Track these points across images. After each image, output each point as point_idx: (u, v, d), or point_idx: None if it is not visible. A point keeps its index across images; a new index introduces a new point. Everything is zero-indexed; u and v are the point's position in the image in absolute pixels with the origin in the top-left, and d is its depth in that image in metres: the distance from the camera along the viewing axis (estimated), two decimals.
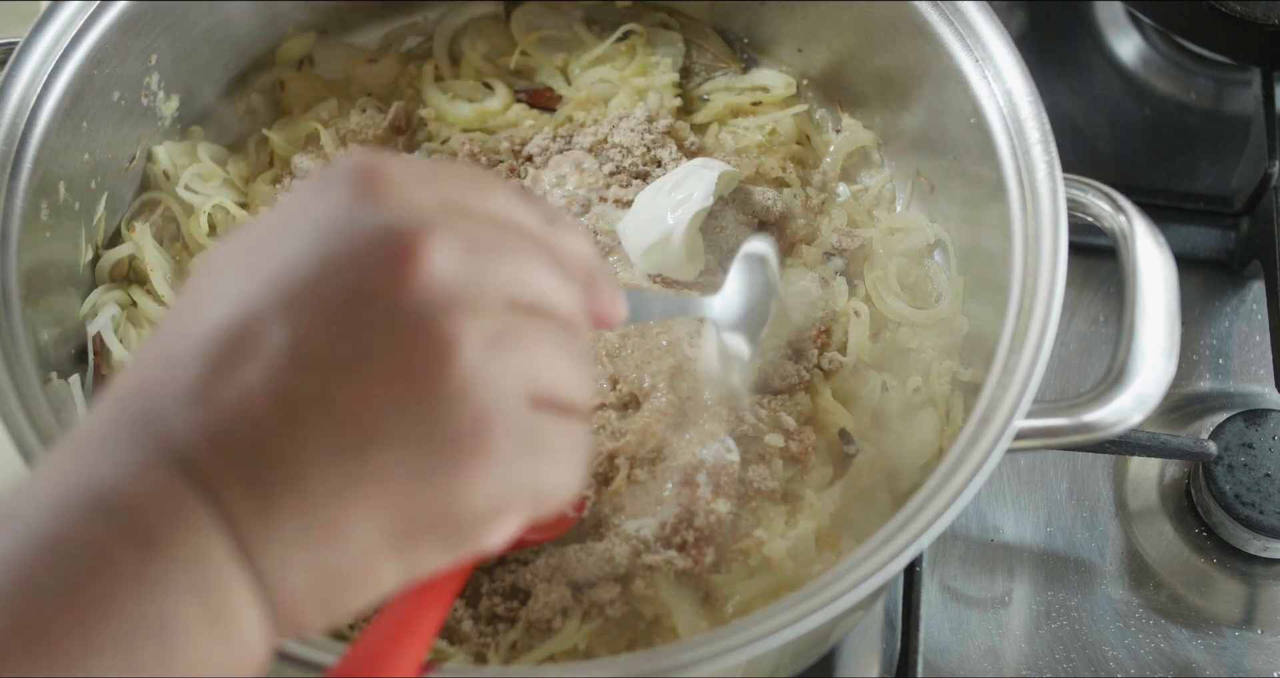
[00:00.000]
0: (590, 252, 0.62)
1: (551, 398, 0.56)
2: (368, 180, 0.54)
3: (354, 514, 0.52)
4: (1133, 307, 0.85)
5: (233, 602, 0.51)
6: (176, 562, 0.50)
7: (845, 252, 1.07)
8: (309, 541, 0.52)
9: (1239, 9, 1.24)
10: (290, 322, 0.51)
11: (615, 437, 0.94)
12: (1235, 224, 1.25)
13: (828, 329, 1.03)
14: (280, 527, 0.51)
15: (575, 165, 1.08)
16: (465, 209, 0.56)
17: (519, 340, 0.54)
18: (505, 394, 0.53)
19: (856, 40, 1.10)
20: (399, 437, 0.52)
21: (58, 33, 0.96)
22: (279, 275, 0.52)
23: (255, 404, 0.51)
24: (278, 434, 0.51)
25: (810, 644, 0.95)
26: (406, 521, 0.53)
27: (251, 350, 0.51)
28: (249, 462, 0.51)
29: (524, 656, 0.87)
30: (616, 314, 0.63)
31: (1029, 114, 0.93)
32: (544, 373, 0.55)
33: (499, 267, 0.55)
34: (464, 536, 0.55)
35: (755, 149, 1.12)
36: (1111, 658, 1.05)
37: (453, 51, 1.20)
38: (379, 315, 0.52)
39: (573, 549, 0.89)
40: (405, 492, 0.52)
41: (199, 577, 0.50)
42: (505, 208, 0.58)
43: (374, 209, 0.53)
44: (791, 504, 0.94)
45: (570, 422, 0.57)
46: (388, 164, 0.55)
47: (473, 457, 0.53)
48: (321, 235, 0.53)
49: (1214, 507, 1.07)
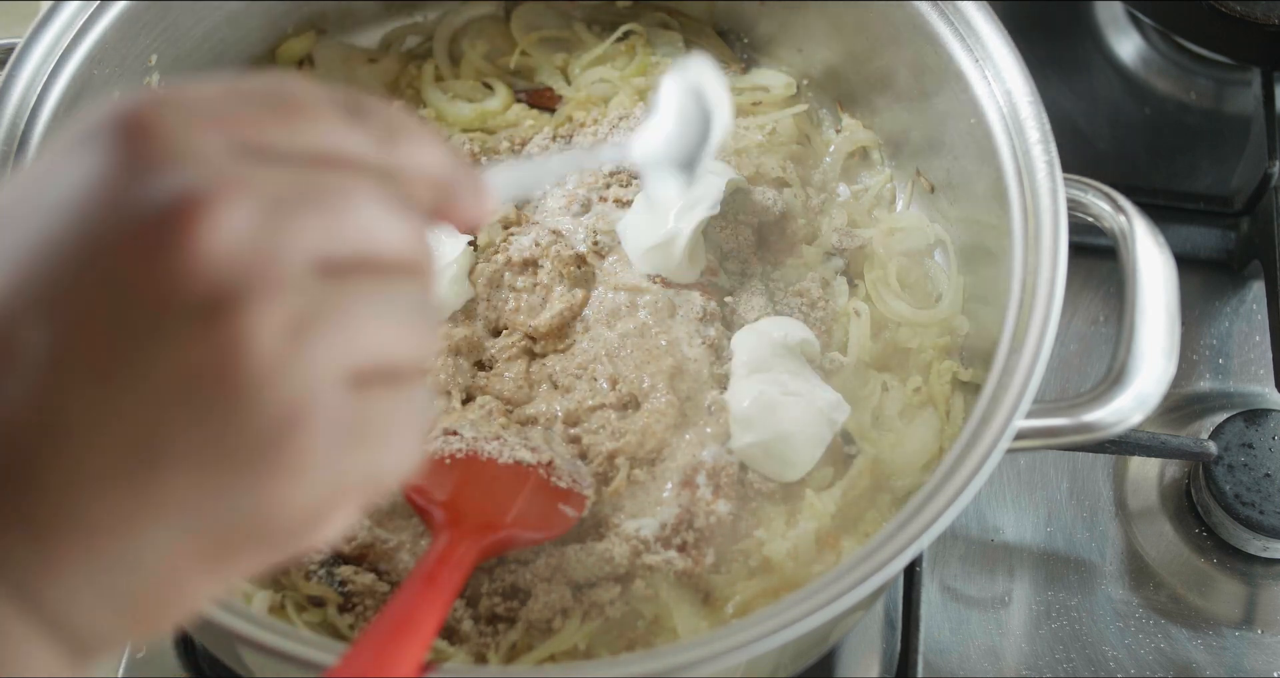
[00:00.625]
0: (440, 158, 0.53)
1: (380, 370, 0.48)
2: (134, 135, 0.45)
3: (148, 540, 0.45)
4: (1133, 307, 0.85)
5: (13, 644, 0.45)
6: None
7: (845, 252, 1.07)
8: (98, 571, 0.45)
9: (1239, 9, 1.24)
10: (49, 323, 0.44)
11: (615, 437, 0.94)
12: (1235, 224, 1.25)
13: (828, 329, 1.03)
14: (61, 560, 0.45)
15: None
16: (266, 149, 0.47)
17: (330, 315, 0.46)
18: (317, 383, 0.46)
19: (856, 40, 1.10)
20: (191, 451, 0.44)
21: (58, 33, 0.96)
22: (32, 265, 0.44)
23: (16, 425, 0.44)
24: (46, 459, 0.44)
25: (810, 644, 0.95)
26: (213, 538, 0.46)
27: (5, 361, 0.44)
28: (16, 494, 0.44)
29: (524, 656, 0.87)
30: (481, 213, 0.55)
31: (1029, 114, 0.93)
32: (366, 345, 0.47)
33: (304, 224, 0.46)
34: (284, 542, 0.48)
35: (755, 149, 1.12)
36: (1111, 658, 1.05)
37: (453, 51, 1.20)
38: (152, 310, 0.44)
39: (573, 549, 0.89)
40: (207, 510, 0.45)
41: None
42: (322, 137, 0.49)
43: (141, 175, 0.45)
44: (791, 504, 0.94)
45: (403, 391, 0.49)
46: (159, 106, 0.46)
47: (283, 462, 0.45)
48: (80, 213, 0.44)
49: (1214, 507, 1.07)
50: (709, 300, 1.01)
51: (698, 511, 0.91)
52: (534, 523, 0.89)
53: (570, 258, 1.02)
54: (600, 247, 1.03)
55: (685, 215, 1.00)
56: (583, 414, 0.96)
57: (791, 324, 1.00)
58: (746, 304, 1.02)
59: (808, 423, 0.94)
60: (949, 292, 1.04)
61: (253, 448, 0.45)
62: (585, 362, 0.98)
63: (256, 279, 0.44)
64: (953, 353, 1.02)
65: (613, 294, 1.01)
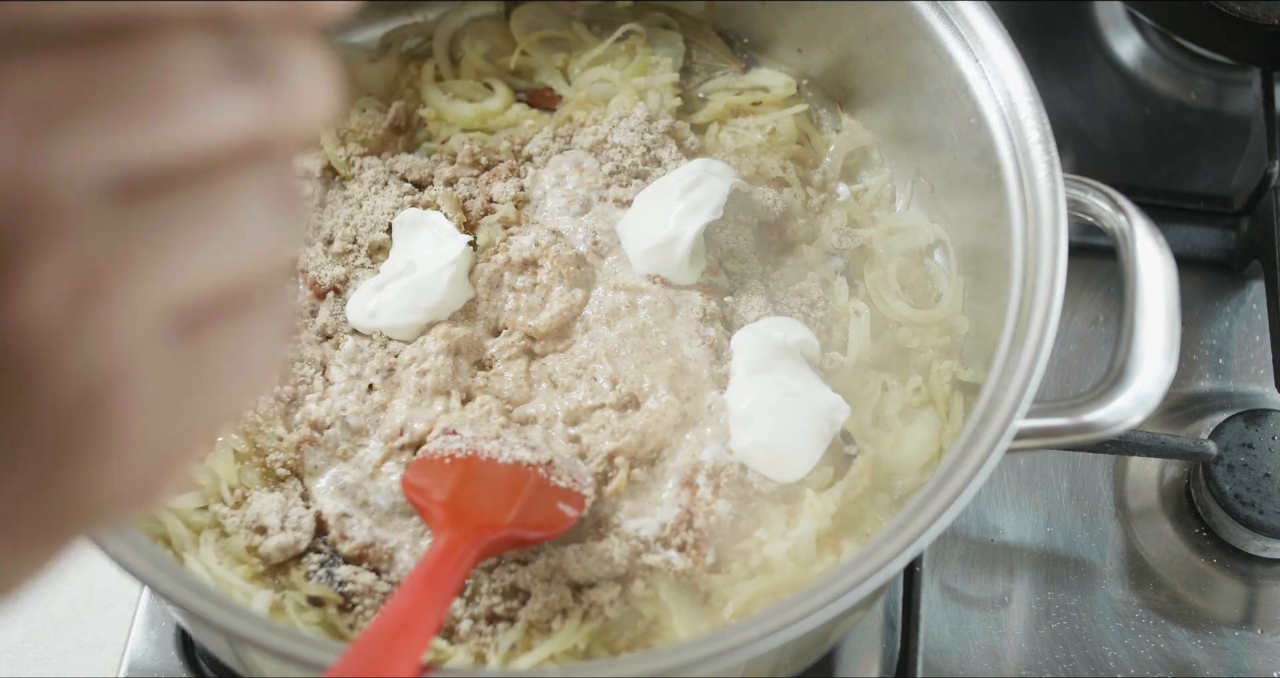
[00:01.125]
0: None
1: (213, 299, 0.39)
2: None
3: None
4: (1133, 307, 0.85)
5: None
6: None
7: (845, 252, 1.07)
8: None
9: (1239, 9, 1.24)
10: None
11: (615, 437, 0.94)
12: (1235, 224, 1.25)
13: (828, 329, 1.03)
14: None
15: (575, 165, 1.08)
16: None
17: (133, 251, 0.36)
18: (124, 341, 0.37)
19: (856, 40, 1.10)
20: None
21: None
22: None
23: None
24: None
25: (810, 644, 0.95)
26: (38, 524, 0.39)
27: None
28: None
29: (524, 656, 0.87)
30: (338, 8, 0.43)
31: (1029, 114, 0.93)
32: (188, 278, 0.38)
33: (82, 127, 0.34)
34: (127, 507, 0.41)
35: (755, 149, 1.12)
36: (1111, 658, 1.05)
37: (453, 51, 1.20)
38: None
39: (572, 549, 0.89)
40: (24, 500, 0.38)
41: None
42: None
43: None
44: (791, 504, 0.94)
45: (240, 316, 0.40)
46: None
47: (97, 439, 0.38)
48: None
49: (1214, 507, 1.07)
50: (709, 300, 1.01)
51: (698, 510, 0.91)
52: (534, 522, 0.88)
53: (570, 258, 1.02)
54: (600, 246, 1.04)
55: (688, 218, 1.00)
56: (582, 414, 0.96)
57: (791, 324, 1.00)
58: (746, 304, 1.02)
59: (808, 424, 0.94)
60: (949, 292, 1.04)
61: (59, 430, 0.37)
62: (585, 361, 0.98)
63: (21, 224, 0.34)
64: (953, 353, 1.02)
65: (613, 294, 1.01)
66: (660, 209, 1.01)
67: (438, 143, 1.14)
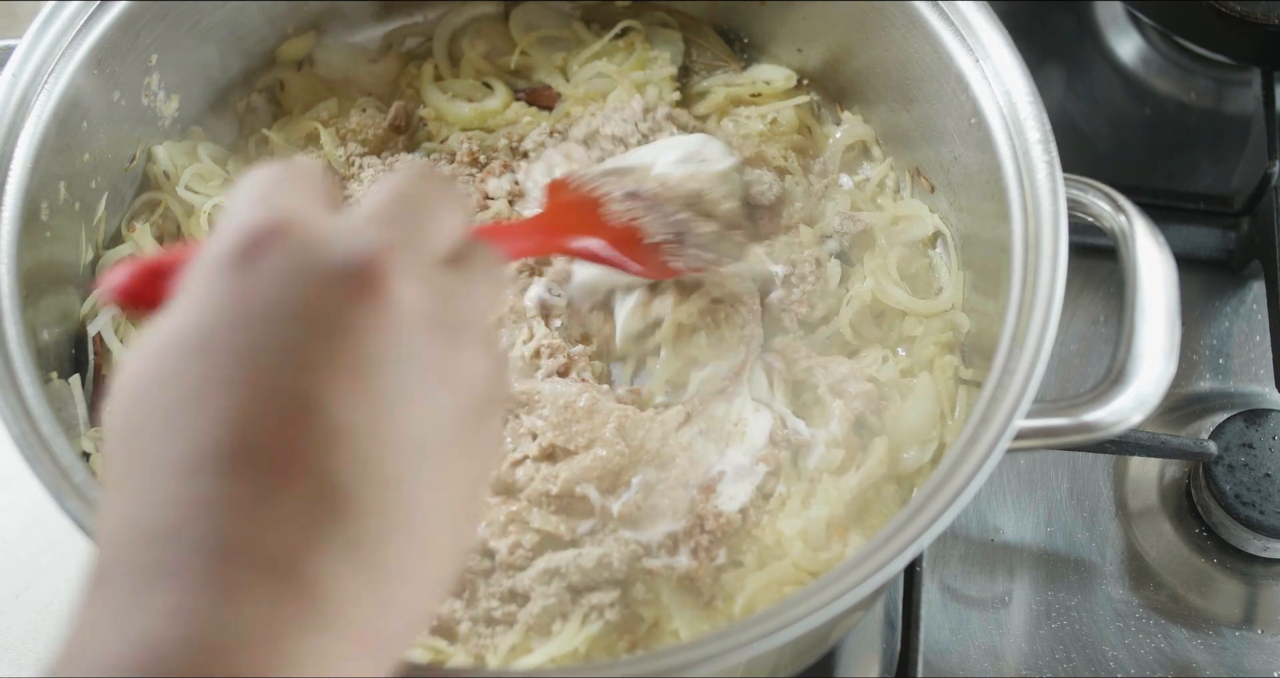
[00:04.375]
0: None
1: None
2: (365, 283, 0.54)
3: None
4: (1133, 307, 0.85)
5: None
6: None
7: (847, 235, 1.07)
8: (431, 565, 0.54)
9: (1239, 9, 1.24)
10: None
11: (619, 446, 0.94)
12: (1235, 224, 1.25)
13: (813, 305, 1.04)
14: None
15: (565, 155, 1.08)
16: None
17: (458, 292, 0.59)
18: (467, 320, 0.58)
19: (856, 40, 1.10)
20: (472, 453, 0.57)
21: (58, 33, 0.96)
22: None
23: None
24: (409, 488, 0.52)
25: (810, 644, 0.95)
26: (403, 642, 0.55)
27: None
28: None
29: (523, 658, 0.87)
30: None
31: (1029, 114, 0.93)
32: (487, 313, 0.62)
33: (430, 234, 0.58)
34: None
35: (757, 137, 1.12)
36: (1111, 658, 1.05)
37: (453, 51, 1.20)
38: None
39: (570, 554, 0.89)
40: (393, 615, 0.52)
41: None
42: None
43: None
44: (810, 486, 0.94)
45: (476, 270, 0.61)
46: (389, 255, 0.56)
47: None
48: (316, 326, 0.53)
49: (1214, 507, 1.07)
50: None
51: (707, 514, 0.91)
52: (630, 250, 0.96)
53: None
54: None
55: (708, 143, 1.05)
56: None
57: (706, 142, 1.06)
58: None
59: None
60: (950, 285, 1.04)
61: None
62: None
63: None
64: (954, 350, 1.02)
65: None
66: (650, 162, 1.03)
67: (437, 142, 1.14)
